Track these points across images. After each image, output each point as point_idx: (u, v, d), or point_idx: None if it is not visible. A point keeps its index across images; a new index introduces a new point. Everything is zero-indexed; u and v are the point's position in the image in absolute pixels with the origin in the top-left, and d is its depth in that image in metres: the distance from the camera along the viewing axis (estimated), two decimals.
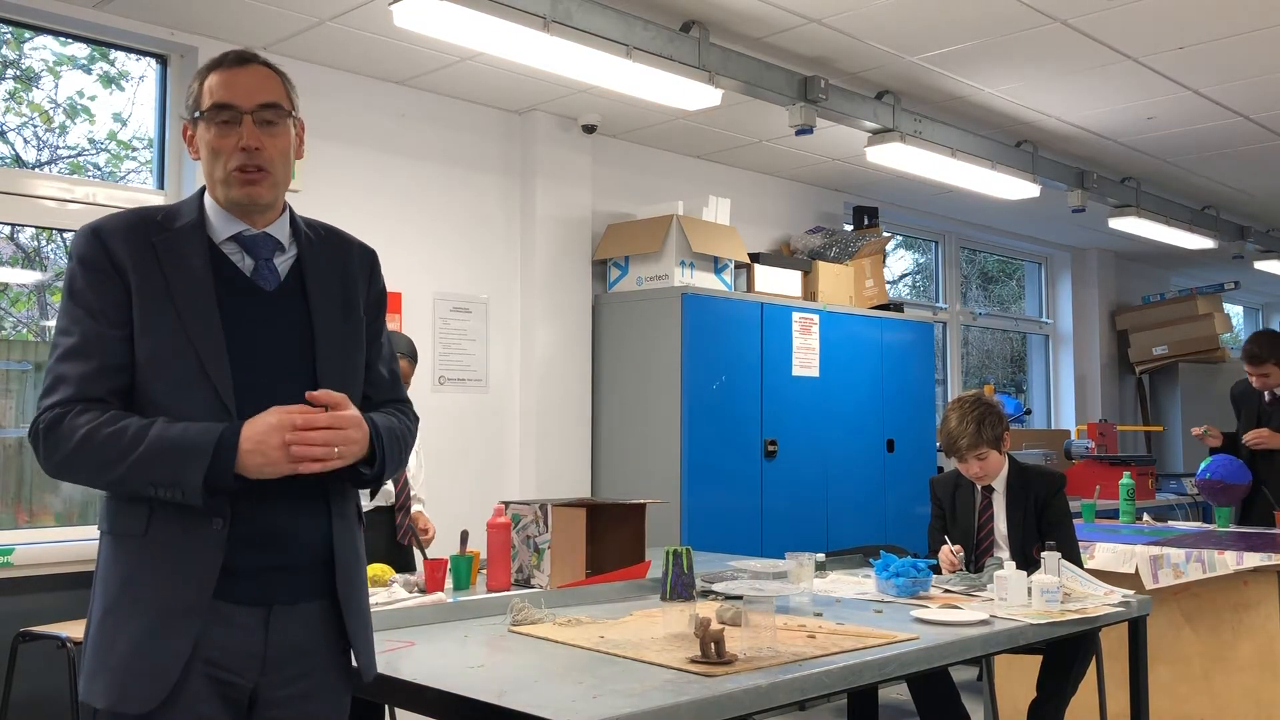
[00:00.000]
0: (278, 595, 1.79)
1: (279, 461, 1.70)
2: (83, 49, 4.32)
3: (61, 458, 1.72)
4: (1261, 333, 5.43)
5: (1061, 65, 4.71)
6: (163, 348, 1.76)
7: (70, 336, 1.76)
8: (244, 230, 1.87)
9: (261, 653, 1.77)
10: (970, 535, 3.72)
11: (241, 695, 1.77)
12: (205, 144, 1.84)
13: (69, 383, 1.73)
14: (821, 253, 6.18)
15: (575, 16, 3.74)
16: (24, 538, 3.92)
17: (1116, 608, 2.97)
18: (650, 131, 5.60)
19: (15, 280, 4.34)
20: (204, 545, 1.72)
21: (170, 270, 1.78)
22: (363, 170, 4.77)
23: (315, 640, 1.84)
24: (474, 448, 5.11)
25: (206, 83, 1.85)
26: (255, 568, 1.77)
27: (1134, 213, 6.59)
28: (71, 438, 1.70)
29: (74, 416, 1.71)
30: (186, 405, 1.75)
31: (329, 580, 1.85)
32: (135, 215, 1.84)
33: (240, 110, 1.81)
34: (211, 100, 1.82)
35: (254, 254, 1.87)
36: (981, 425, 3.58)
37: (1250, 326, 12.01)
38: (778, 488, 5.43)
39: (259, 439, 1.69)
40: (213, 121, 1.82)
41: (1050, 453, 7.05)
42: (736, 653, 2.20)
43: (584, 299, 5.42)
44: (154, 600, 1.71)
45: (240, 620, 1.76)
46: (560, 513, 3.19)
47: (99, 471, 1.72)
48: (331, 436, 1.73)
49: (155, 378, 1.76)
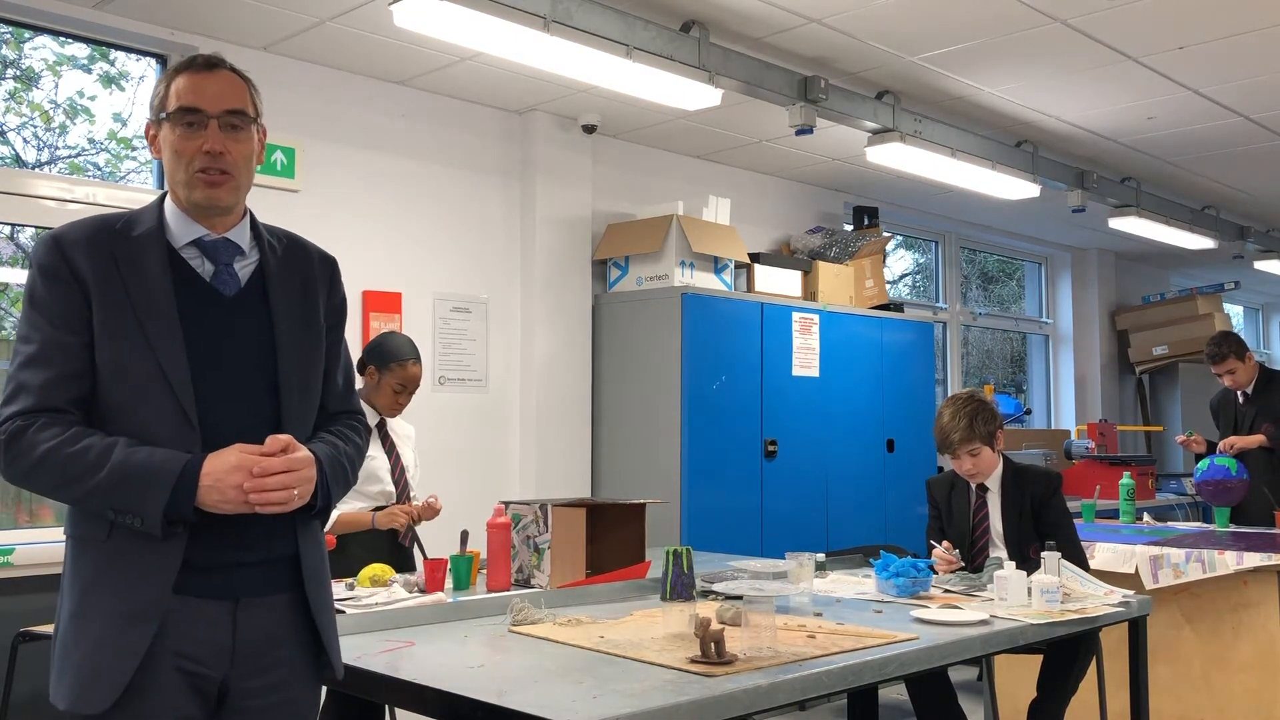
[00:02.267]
0: (244, 589, 1.81)
1: (235, 501, 1.73)
2: (83, 49, 4.32)
3: (20, 472, 1.74)
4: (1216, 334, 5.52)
5: (1061, 65, 4.72)
6: (123, 355, 1.76)
7: (30, 344, 1.76)
8: (204, 235, 1.87)
9: (230, 645, 1.79)
10: (966, 535, 3.72)
11: (211, 687, 1.78)
12: (169, 145, 1.84)
13: (29, 391, 1.74)
14: (821, 253, 6.18)
15: (575, 16, 3.75)
16: (24, 538, 3.92)
17: (1116, 608, 2.97)
18: (650, 131, 5.60)
19: (15, 280, 4.34)
20: (163, 550, 1.73)
21: (130, 277, 1.78)
22: (363, 170, 4.77)
23: (285, 630, 1.86)
24: (474, 448, 5.11)
25: (174, 85, 1.85)
26: (221, 563, 1.79)
27: (1134, 213, 6.59)
28: (31, 453, 1.71)
29: (36, 431, 1.72)
30: (147, 413, 1.76)
31: (295, 574, 1.88)
32: (96, 223, 1.84)
33: (206, 114, 1.83)
34: (178, 103, 1.83)
35: (214, 259, 1.87)
36: (974, 420, 3.60)
37: (1250, 326, 12.02)
38: (778, 488, 5.43)
39: (218, 477, 1.72)
40: (178, 124, 1.83)
41: (1050, 453, 7.05)
42: (736, 653, 2.20)
43: (584, 299, 5.42)
44: (112, 603, 1.73)
45: (208, 613, 1.77)
46: (560, 513, 3.19)
47: (58, 490, 1.75)
48: (288, 479, 1.76)
49: (116, 385, 1.77)
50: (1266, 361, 11.87)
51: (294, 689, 1.87)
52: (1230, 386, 5.46)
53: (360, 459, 2.04)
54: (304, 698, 1.90)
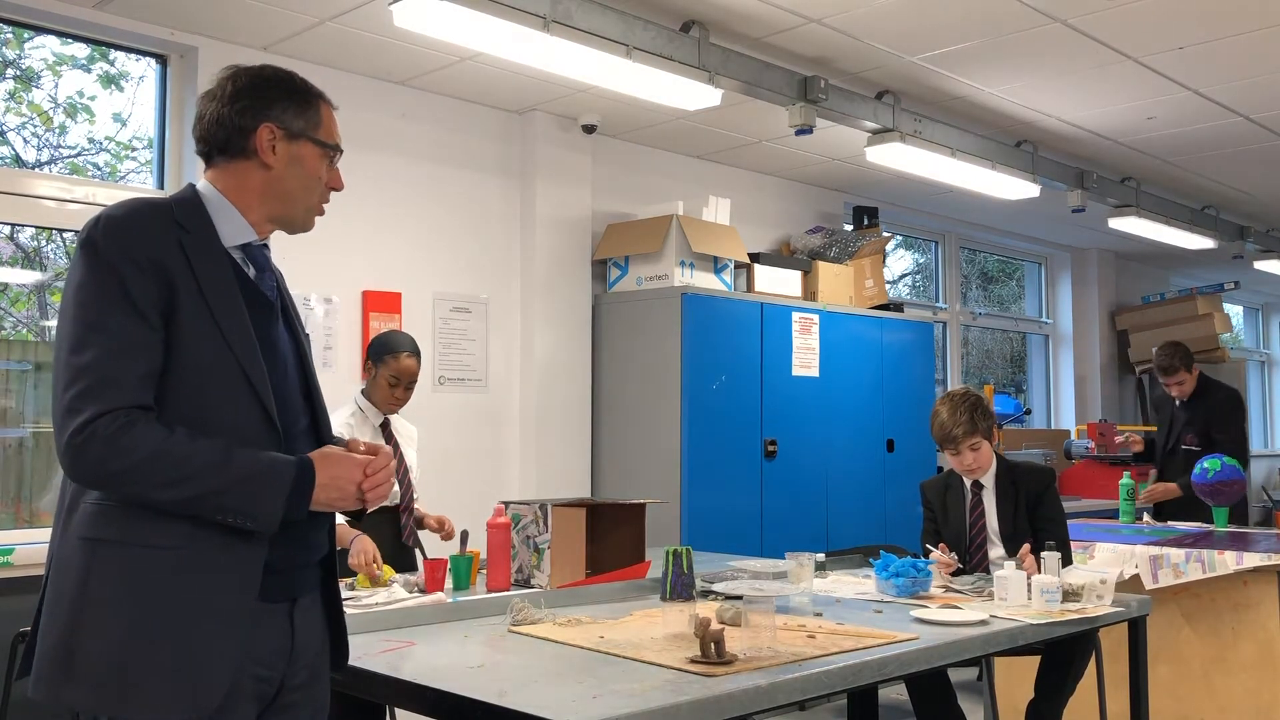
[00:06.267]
0: (300, 589, 1.84)
1: (351, 498, 1.77)
2: (83, 49, 4.32)
3: (121, 468, 1.61)
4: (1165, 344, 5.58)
5: (1061, 65, 4.72)
6: (205, 354, 1.71)
7: (105, 334, 1.63)
8: (254, 240, 1.87)
9: (289, 647, 1.81)
10: (963, 534, 3.73)
11: (271, 689, 1.79)
12: (309, 169, 1.89)
13: (122, 387, 1.62)
14: (821, 253, 6.18)
15: (575, 16, 3.75)
16: (24, 538, 3.93)
17: (1116, 608, 2.97)
18: (650, 131, 5.60)
19: (15, 280, 4.34)
20: (243, 554, 1.71)
21: (201, 272, 1.73)
22: (363, 170, 4.77)
23: (320, 627, 1.91)
24: (474, 448, 5.11)
25: (324, 113, 1.93)
26: (286, 565, 1.80)
27: (1134, 213, 6.59)
28: (140, 450, 1.61)
29: (144, 426, 1.62)
30: (234, 416, 1.72)
31: (324, 571, 1.92)
32: (152, 208, 1.75)
33: (340, 154, 1.95)
34: (335, 139, 1.93)
35: (256, 264, 1.87)
36: (975, 414, 3.61)
37: (1250, 326, 12.02)
38: (778, 488, 5.43)
39: (335, 474, 1.75)
40: (329, 156, 1.92)
41: (1050, 453, 7.05)
42: (736, 653, 2.20)
43: (584, 299, 5.42)
44: (199, 610, 1.66)
45: (276, 616, 1.79)
46: (560, 513, 3.19)
47: (161, 489, 1.63)
48: (390, 475, 1.82)
49: (199, 384, 1.70)
50: (1266, 362, 11.92)
51: (320, 684, 1.91)
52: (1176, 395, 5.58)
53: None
54: (325, 691, 1.93)
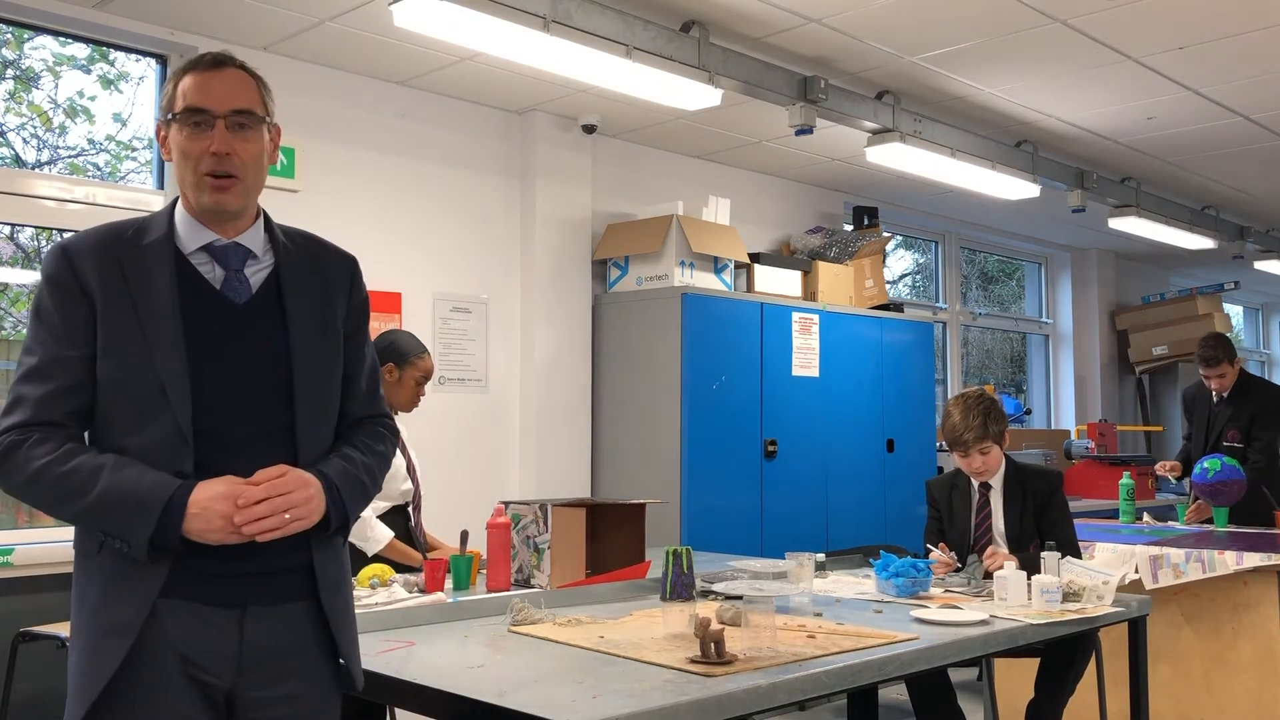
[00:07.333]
0: (252, 597, 1.77)
1: (222, 530, 1.69)
2: (82, 49, 4.32)
3: (13, 486, 1.74)
4: (1209, 336, 5.46)
5: (1061, 65, 4.71)
6: (124, 368, 1.74)
7: (33, 356, 1.75)
8: (214, 240, 1.83)
9: (236, 653, 1.76)
10: (968, 534, 3.72)
11: (218, 695, 1.76)
12: (176, 147, 1.81)
13: (26, 404, 1.73)
14: (821, 253, 6.18)
15: (575, 16, 3.75)
16: (24, 538, 3.93)
17: (1116, 608, 2.97)
18: (650, 131, 5.60)
19: (15, 280, 4.34)
20: (146, 569, 1.72)
21: (136, 287, 1.76)
22: (363, 170, 4.77)
23: (302, 640, 1.82)
24: (474, 448, 5.11)
25: (181, 84, 1.81)
26: (227, 572, 1.75)
27: (1134, 213, 6.59)
28: (23, 471, 1.71)
29: (30, 447, 1.71)
30: (148, 429, 1.74)
31: (310, 583, 1.83)
32: (105, 232, 1.82)
33: (213, 114, 1.79)
34: (184, 103, 1.79)
35: (224, 265, 1.83)
36: (988, 418, 3.59)
37: (1250, 326, 12.02)
38: (778, 488, 5.43)
39: (204, 505, 1.68)
40: (185, 124, 1.79)
41: (1050, 453, 7.05)
42: (736, 653, 2.20)
43: (584, 299, 5.42)
44: (94, 618, 1.73)
45: (214, 620, 1.75)
46: (560, 513, 3.19)
47: (49, 508, 1.76)
48: (277, 504, 1.71)
49: (115, 399, 1.75)
50: (1266, 362, 11.91)
51: (309, 700, 1.83)
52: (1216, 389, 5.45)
53: (385, 465, 1.98)
54: (320, 709, 1.85)
